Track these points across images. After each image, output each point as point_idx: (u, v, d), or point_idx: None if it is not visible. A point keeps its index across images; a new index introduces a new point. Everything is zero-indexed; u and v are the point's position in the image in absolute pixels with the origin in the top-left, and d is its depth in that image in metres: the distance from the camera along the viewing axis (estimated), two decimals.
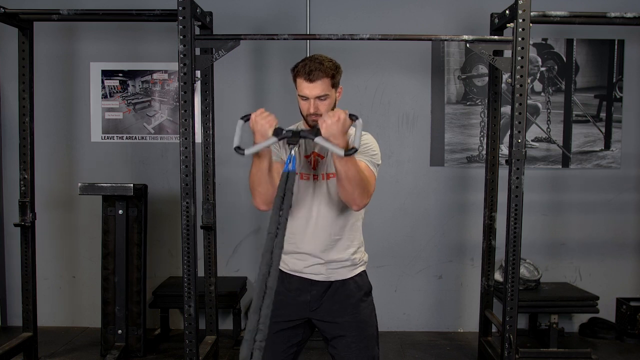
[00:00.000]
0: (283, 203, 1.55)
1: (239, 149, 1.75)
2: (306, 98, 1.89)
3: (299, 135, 1.72)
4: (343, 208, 1.95)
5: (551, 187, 4.06)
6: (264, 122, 1.74)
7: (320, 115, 1.85)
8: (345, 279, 1.99)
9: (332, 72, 1.88)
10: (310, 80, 1.85)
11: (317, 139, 1.70)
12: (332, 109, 1.96)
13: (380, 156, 1.99)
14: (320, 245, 1.94)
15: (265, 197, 1.85)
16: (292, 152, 1.67)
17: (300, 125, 2.06)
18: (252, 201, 1.91)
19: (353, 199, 1.81)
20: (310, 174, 1.95)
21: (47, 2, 3.59)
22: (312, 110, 1.87)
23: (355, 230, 2.01)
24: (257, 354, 1.28)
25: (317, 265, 1.96)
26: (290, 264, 1.98)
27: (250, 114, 1.78)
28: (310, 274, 1.97)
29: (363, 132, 1.97)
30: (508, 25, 3.06)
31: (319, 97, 1.87)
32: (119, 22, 3.84)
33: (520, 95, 2.84)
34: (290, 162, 1.63)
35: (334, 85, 1.92)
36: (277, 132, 1.73)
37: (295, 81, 1.93)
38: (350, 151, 1.67)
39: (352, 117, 1.72)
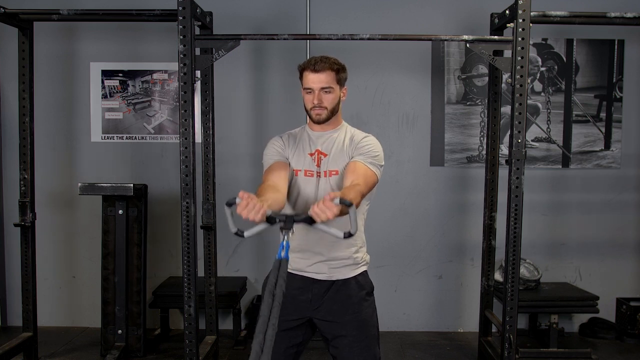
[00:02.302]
0: (276, 288, 1.52)
1: (239, 233, 1.72)
2: (310, 91, 1.94)
3: (293, 221, 1.65)
4: None
5: (551, 187, 4.06)
6: (252, 217, 1.62)
7: (325, 107, 1.93)
8: (347, 278, 2.00)
9: (337, 67, 1.96)
10: (316, 71, 1.92)
11: (318, 226, 1.66)
12: (337, 109, 1.98)
13: (383, 157, 2.01)
14: (323, 242, 1.95)
15: (272, 206, 1.83)
16: (285, 238, 1.62)
17: (301, 131, 2.07)
18: None
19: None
20: (314, 171, 1.97)
21: (47, 2, 3.59)
22: (315, 102, 1.93)
23: (359, 229, 2.02)
24: None
25: (320, 263, 1.97)
26: (292, 263, 1.98)
27: (234, 199, 1.63)
28: (313, 272, 1.98)
29: (366, 134, 2.00)
30: (508, 25, 3.07)
31: (323, 89, 1.93)
32: (119, 22, 3.84)
33: (520, 95, 2.85)
34: (283, 249, 1.60)
35: (339, 82, 1.97)
36: (270, 221, 1.66)
37: (301, 76, 1.98)
38: (348, 235, 1.66)
39: (345, 203, 1.61)
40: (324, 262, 1.97)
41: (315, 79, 1.93)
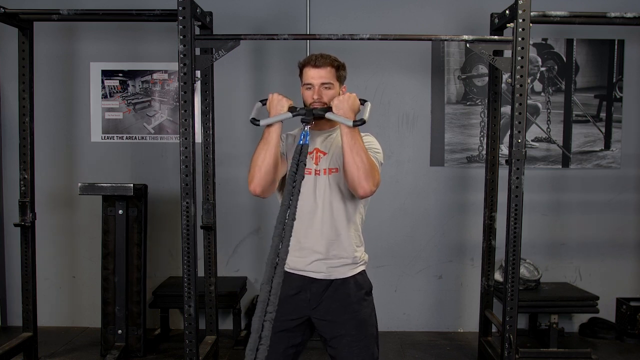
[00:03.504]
0: (297, 173, 1.68)
1: (255, 120, 1.93)
2: (310, 86, 1.97)
3: (312, 112, 1.88)
4: (346, 203, 1.97)
5: (551, 187, 4.06)
6: (281, 99, 1.94)
7: (325, 103, 1.95)
8: (346, 278, 2.00)
9: (337, 64, 1.99)
10: (317, 66, 1.95)
11: (328, 114, 1.87)
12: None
13: (383, 156, 2.03)
14: (322, 240, 1.96)
15: (263, 183, 1.90)
16: (306, 128, 1.84)
17: (300, 130, 2.07)
18: (248, 187, 1.93)
19: (359, 181, 1.84)
20: (312, 169, 1.98)
21: (47, 2, 3.59)
22: (315, 97, 1.95)
23: (357, 229, 2.03)
24: (267, 326, 1.38)
25: (318, 262, 1.97)
26: (291, 262, 1.98)
27: (266, 99, 1.97)
28: (311, 271, 1.98)
29: (365, 133, 2.00)
30: (508, 25, 3.06)
31: (323, 85, 1.95)
32: (119, 22, 3.84)
33: (520, 95, 2.84)
34: (304, 137, 1.79)
35: (339, 79, 1.99)
36: (292, 109, 1.91)
37: (301, 73, 2.01)
38: (357, 122, 1.81)
39: (361, 101, 1.91)
40: (322, 261, 1.97)
41: (316, 75, 1.95)
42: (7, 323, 4.11)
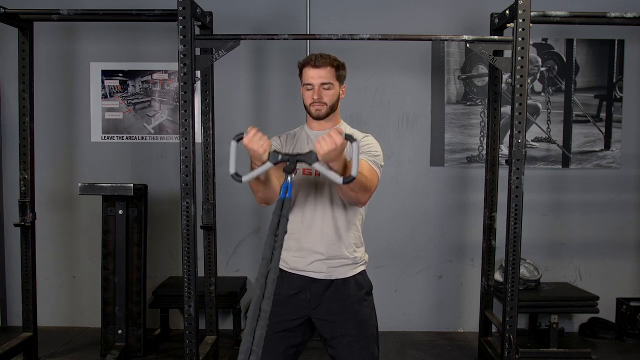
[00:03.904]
0: (278, 229, 1.52)
1: (236, 176, 1.72)
2: (310, 87, 1.95)
3: (296, 160, 1.65)
4: (346, 204, 1.97)
5: (551, 187, 4.06)
6: (257, 147, 1.69)
7: (325, 103, 1.95)
8: (346, 278, 2.00)
9: (337, 64, 1.97)
10: (316, 66, 1.94)
11: (315, 165, 1.65)
12: (336, 106, 1.99)
13: (383, 157, 2.01)
14: (322, 240, 1.96)
15: (265, 199, 1.93)
16: (289, 179, 1.61)
17: (300, 130, 2.07)
18: (255, 199, 1.99)
19: (356, 201, 1.89)
20: (312, 169, 1.96)
21: (47, 2, 3.59)
22: (315, 97, 1.95)
23: (356, 229, 2.03)
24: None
25: (318, 262, 1.97)
26: (290, 262, 1.98)
27: (242, 134, 1.71)
28: (311, 271, 1.98)
29: (365, 134, 2.01)
30: (508, 25, 3.06)
31: (323, 85, 1.95)
32: (119, 22, 3.84)
33: (520, 95, 2.84)
34: (286, 189, 1.59)
35: (339, 79, 1.99)
36: (273, 157, 1.67)
37: (301, 73, 2.00)
38: (347, 179, 1.65)
39: (349, 139, 1.65)
40: (323, 261, 1.97)
41: (315, 75, 1.94)
42: (7, 323, 4.11)
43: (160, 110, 4.06)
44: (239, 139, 1.72)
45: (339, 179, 1.66)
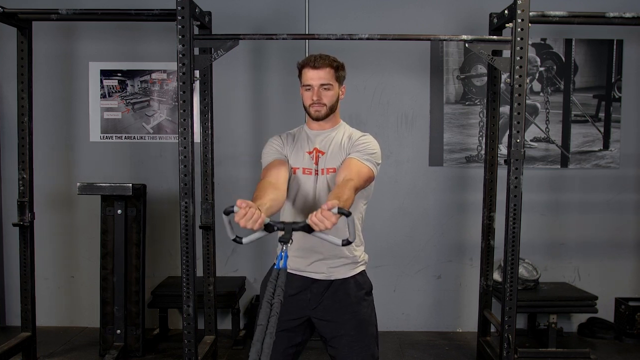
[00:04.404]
0: (273, 299, 1.51)
1: (237, 239, 1.74)
2: (310, 87, 1.95)
3: (292, 230, 1.66)
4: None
5: (550, 187, 4.06)
6: (250, 225, 1.62)
7: (324, 104, 1.95)
8: (346, 278, 2.00)
9: (336, 64, 1.97)
10: (316, 67, 1.94)
11: (315, 234, 1.66)
12: (335, 107, 1.99)
13: (380, 155, 2.02)
14: (322, 241, 1.94)
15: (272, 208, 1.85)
16: (284, 248, 1.62)
17: (299, 130, 2.07)
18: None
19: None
20: (312, 169, 1.98)
21: (46, 2, 3.58)
22: (315, 98, 1.95)
23: (356, 229, 2.02)
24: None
25: (318, 262, 1.97)
26: (291, 262, 1.98)
27: (232, 207, 1.62)
28: (311, 272, 1.99)
29: (363, 133, 2.01)
30: (507, 25, 3.06)
31: (322, 86, 1.95)
32: (117, 22, 3.84)
33: (519, 95, 2.85)
34: (281, 259, 1.59)
35: (338, 80, 1.99)
36: (269, 229, 1.67)
37: (300, 74, 2.00)
38: (345, 242, 1.67)
39: (343, 213, 1.60)
40: (323, 261, 1.97)
41: (315, 76, 1.94)
42: (5, 323, 4.11)
43: (159, 110, 4.06)
44: (228, 212, 1.65)
45: (337, 242, 1.67)
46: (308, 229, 1.65)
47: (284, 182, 1.93)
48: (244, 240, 1.73)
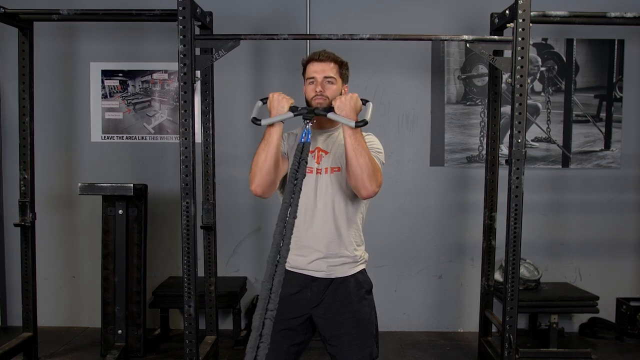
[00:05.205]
0: (298, 172, 1.65)
1: (256, 119, 1.92)
2: (313, 80, 1.97)
3: (314, 112, 1.87)
4: (347, 202, 1.98)
5: (551, 187, 4.06)
6: (282, 99, 1.91)
7: (326, 97, 1.96)
8: (346, 276, 2.00)
9: (340, 61, 2.01)
10: (321, 60, 1.97)
11: (330, 114, 1.85)
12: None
13: (384, 156, 2.04)
14: (322, 238, 1.96)
15: (265, 184, 1.90)
16: (308, 126, 1.81)
17: (301, 129, 2.07)
18: (249, 187, 1.94)
19: (362, 182, 1.84)
20: (314, 168, 1.98)
21: (47, 2, 3.60)
22: (318, 89, 1.96)
23: (357, 228, 2.04)
24: (268, 324, 1.33)
25: (319, 260, 1.97)
26: (292, 260, 1.98)
27: (268, 96, 1.94)
28: (312, 270, 1.99)
29: (367, 133, 2.01)
30: (508, 25, 3.06)
31: (326, 78, 1.96)
32: (119, 22, 3.85)
33: (520, 95, 2.84)
34: (305, 135, 1.77)
35: (342, 76, 2.01)
36: (294, 109, 1.89)
37: (304, 69, 2.02)
38: (360, 122, 1.81)
39: (363, 101, 1.90)
40: (323, 260, 1.97)
41: (319, 68, 1.96)
42: (7, 323, 4.11)
43: (160, 110, 4.06)
44: (265, 101, 1.98)
45: (351, 123, 1.81)
46: (329, 110, 1.87)
47: (281, 174, 1.96)
48: (263, 121, 1.90)
